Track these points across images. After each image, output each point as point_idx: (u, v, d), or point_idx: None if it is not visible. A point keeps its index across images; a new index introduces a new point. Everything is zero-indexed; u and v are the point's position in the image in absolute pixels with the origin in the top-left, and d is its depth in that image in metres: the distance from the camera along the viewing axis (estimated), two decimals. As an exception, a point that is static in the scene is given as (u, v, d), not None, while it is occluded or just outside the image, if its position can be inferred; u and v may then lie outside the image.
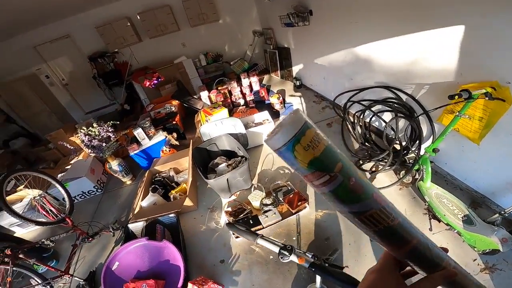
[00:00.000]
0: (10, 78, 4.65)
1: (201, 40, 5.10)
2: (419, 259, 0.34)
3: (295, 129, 0.25)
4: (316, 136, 0.26)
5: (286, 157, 0.26)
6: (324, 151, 0.26)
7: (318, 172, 0.26)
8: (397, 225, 0.31)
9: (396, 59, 2.04)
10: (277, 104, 3.69)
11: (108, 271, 1.80)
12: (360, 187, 0.28)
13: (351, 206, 0.28)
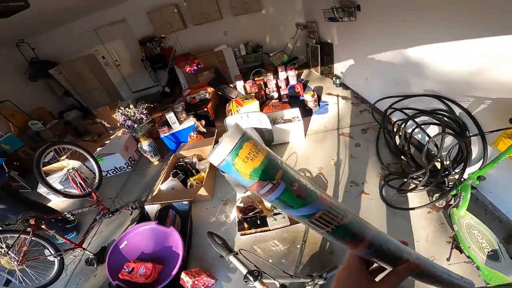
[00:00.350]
0: (72, 57, 5.25)
1: (243, 30, 5.05)
2: (379, 254, 0.35)
3: (232, 143, 0.25)
4: (254, 147, 0.27)
5: (228, 171, 0.27)
6: (263, 161, 0.27)
7: (260, 181, 0.27)
8: (348, 223, 0.32)
9: (455, 65, 1.71)
10: (310, 101, 3.48)
11: (115, 248, 1.91)
12: (304, 191, 0.29)
13: (299, 210, 0.29)
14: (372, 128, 2.84)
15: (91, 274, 2.11)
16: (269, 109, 3.57)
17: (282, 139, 2.94)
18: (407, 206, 1.83)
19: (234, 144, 0.26)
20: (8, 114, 4.55)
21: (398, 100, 2.38)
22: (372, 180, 2.18)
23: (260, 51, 5.12)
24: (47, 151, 2.30)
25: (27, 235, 1.87)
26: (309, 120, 3.33)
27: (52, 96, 5.69)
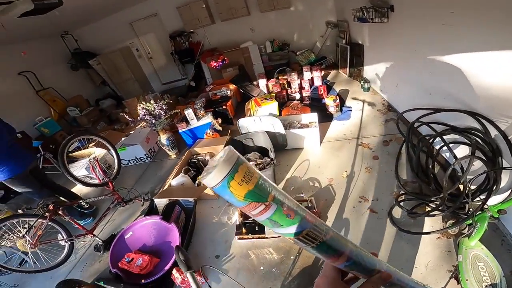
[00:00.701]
0: (110, 49, 5.61)
1: (270, 27, 4.94)
2: (355, 265, 0.38)
3: (228, 166, 0.26)
4: (248, 171, 0.27)
5: (222, 193, 0.27)
6: (257, 184, 0.28)
7: (254, 203, 0.28)
8: (330, 239, 0.34)
9: (500, 80, 1.47)
10: (332, 106, 3.31)
11: (121, 238, 2.02)
12: (292, 211, 0.31)
13: (288, 229, 0.31)
14: (396, 141, 2.61)
15: (97, 260, 2.25)
16: (288, 111, 3.47)
17: (296, 144, 2.84)
18: (417, 230, 1.67)
19: (231, 167, 0.26)
20: (50, 100, 5.04)
21: (428, 113, 2.14)
22: (384, 198, 2.02)
23: (287, 49, 4.98)
24: (72, 141, 2.49)
25: (44, 220, 2.03)
26: (328, 126, 3.17)
27: (91, 85, 6.16)
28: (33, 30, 4.34)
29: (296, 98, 4.06)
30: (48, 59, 5.22)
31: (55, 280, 2.18)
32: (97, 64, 5.54)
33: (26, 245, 2.01)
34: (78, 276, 2.20)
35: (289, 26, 4.91)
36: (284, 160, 2.77)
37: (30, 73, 4.81)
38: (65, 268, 2.28)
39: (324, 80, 4.49)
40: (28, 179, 2.38)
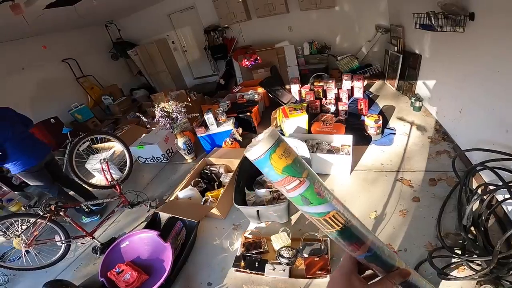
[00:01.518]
0: (148, 40, 5.65)
1: (310, 27, 4.45)
2: (376, 258, 0.37)
3: (271, 141, 0.28)
4: (288, 148, 0.30)
5: (263, 165, 0.29)
6: (294, 160, 0.30)
7: (290, 177, 0.30)
8: (354, 225, 0.35)
9: None
10: (372, 128, 2.80)
11: (117, 246, 1.97)
12: (323, 190, 0.32)
13: (317, 207, 0.32)
14: (446, 181, 2.08)
15: (93, 261, 2.20)
16: (318, 126, 3.04)
17: (321, 169, 2.44)
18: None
19: (274, 141, 0.28)
20: (89, 87, 5.25)
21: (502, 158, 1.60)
22: (415, 249, 1.64)
23: (327, 52, 4.47)
24: (83, 141, 2.42)
25: (43, 220, 2.00)
26: (363, 151, 2.69)
27: (128, 74, 6.34)
28: (79, 19, 4.49)
29: (331, 110, 3.59)
30: (91, 48, 5.43)
31: (50, 275, 2.21)
32: (134, 55, 5.64)
33: (21, 244, 1.99)
34: (70, 275, 2.19)
35: (332, 27, 4.37)
36: None
37: (72, 60, 5.04)
38: (61, 265, 2.27)
39: (366, 92, 3.92)
40: (41, 173, 2.37)
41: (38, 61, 4.56)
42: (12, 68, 4.23)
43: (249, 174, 2.40)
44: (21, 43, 4.27)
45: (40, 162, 2.34)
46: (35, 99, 4.52)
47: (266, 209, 1.87)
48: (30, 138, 2.33)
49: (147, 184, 3.12)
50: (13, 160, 2.16)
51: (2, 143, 2.10)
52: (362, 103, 3.35)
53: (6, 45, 4.07)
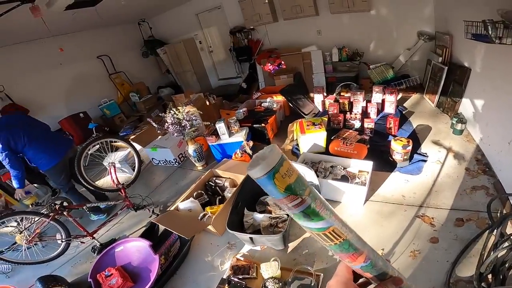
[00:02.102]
0: (178, 39, 5.72)
1: (340, 31, 4.08)
2: (372, 268, 0.39)
3: (275, 160, 0.28)
4: (291, 167, 0.30)
5: (265, 184, 0.29)
6: (296, 179, 0.30)
7: (292, 195, 0.30)
8: (352, 238, 0.36)
9: None
10: (398, 153, 2.44)
11: (112, 249, 1.99)
12: (324, 207, 0.33)
13: (318, 223, 0.33)
14: (476, 223, 1.73)
15: (90, 260, 2.24)
16: (337, 145, 2.76)
17: (331, 195, 2.19)
18: None
19: (277, 161, 0.28)
20: (119, 84, 5.49)
21: None
22: None
23: (358, 59, 4.07)
24: (92, 145, 2.46)
25: (47, 219, 2.08)
26: (384, 178, 2.36)
27: (157, 72, 6.53)
28: (114, 16, 4.69)
29: (355, 126, 3.25)
30: (124, 45, 5.66)
31: (49, 268, 2.31)
32: (163, 53, 5.75)
33: (22, 240, 2.10)
34: (67, 270, 2.28)
35: (366, 32, 3.95)
36: None
37: (106, 57, 5.30)
38: (62, 259, 2.36)
39: (400, 106, 3.49)
40: (64, 169, 2.45)
41: (75, 57, 4.85)
42: (51, 63, 4.55)
43: (251, 193, 2.24)
44: (59, 39, 4.57)
45: (63, 159, 2.43)
46: (70, 92, 4.84)
47: (260, 237, 1.72)
48: (50, 138, 2.42)
49: (156, 188, 3.14)
50: (37, 161, 2.29)
51: (21, 149, 2.20)
52: (392, 122, 2.96)
53: (45, 41, 4.38)
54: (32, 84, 4.30)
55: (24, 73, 4.19)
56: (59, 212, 2.13)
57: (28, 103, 4.21)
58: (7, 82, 3.98)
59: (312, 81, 4.43)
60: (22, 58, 4.16)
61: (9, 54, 3.99)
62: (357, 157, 2.63)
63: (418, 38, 3.58)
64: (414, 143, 2.54)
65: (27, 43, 4.17)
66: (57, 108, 4.60)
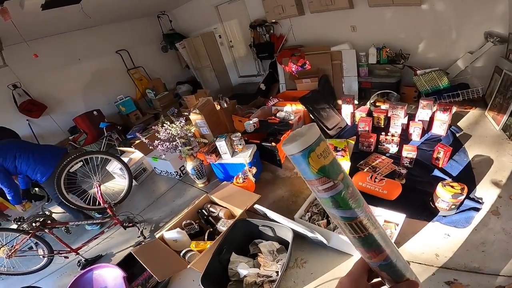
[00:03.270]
0: (195, 33, 5.36)
1: (381, 28, 3.30)
2: (390, 267, 0.37)
3: (312, 139, 0.28)
4: (327, 148, 0.29)
5: (299, 162, 0.29)
6: (332, 161, 0.29)
7: (324, 178, 0.29)
8: (377, 233, 0.35)
9: None
10: (444, 202, 1.80)
11: (90, 271, 1.88)
12: (355, 196, 0.32)
13: (345, 212, 0.32)
14: None
15: (75, 273, 2.15)
16: (362, 179, 2.19)
17: (342, 246, 1.70)
18: None
19: (315, 139, 0.28)
20: (138, 79, 5.34)
21: None
22: None
23: (402, 63, 3.29)
24: (74, 162, 2.24)
25: (27, 235, 2.00)
26: (418, 229, 1.80)
27: (178, 67, 6.29)
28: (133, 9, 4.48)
29: (390, 151, 2.61)
30: (143, 39, 5.47)
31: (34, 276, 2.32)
32: (182, 48, 5.44)
33: (4, 253, 2.06)
34: (52, 281, 2.26)
35: (414, 30, 3.12)
36: (314, 262, 1.75)
37: (125, 51, 5.15)
38: (48, 269, 2.31)
39: (452, 127, 2.72)
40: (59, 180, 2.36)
41: (94, 52, 4.76)
42: (70, 58, 4.50)
43: (240, 240, 1.84)
44: (78, 35, 4.48)
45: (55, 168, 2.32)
46: (88, 88, 4.81)
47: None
48: (41, 150, 2.39)
49: (153, 202, 2.92)
50: (35, 174, 2.27)
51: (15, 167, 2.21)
52: (441, 152, 2.26)
53: (63, 36, 4.30)
54: (50, 80, 4.30)
55: (42, 69, 4.18)
56: (40, 229, 2.03)
57: (46, 99, 4.24)
58: (26, 78, 4.00)
59: (342, 86, 3.76)
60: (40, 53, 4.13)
61: (28, 50, 3.96)
62: (387, 197, 2.06)
63: (486, 40, 2.70)
64: (467, 183, 1.86)
65: (45, 39, 4.12)
66: (74, 104, 4.59)
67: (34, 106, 4.08)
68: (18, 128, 3.83)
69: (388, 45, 3.28)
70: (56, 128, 4.48)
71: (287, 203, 2.38)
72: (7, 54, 3.46)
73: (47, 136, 4.35)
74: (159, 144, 2.32)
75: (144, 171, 3.39)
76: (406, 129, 2.87)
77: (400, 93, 3.41)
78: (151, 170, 3.47)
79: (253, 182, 2.48)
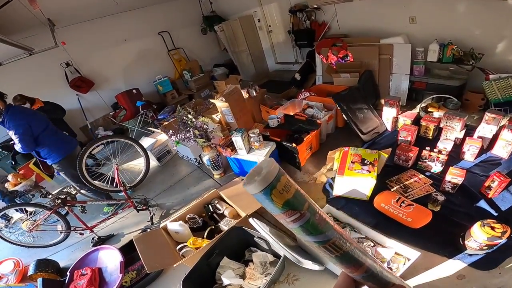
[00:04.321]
0: (235, 16, 5.17)
1: (449, 21, 2.65)
2: (373, 277, 0.38)
3: (272, 176, 0.28)
4: (288, 181, 0.29)
5: (263, 200, 0.29)
6: (294, 194, 0.30)
7: (290, 211, 0.30)
8: (353, 250, 0.36)
9: None
10: (477, 242, 1.43)
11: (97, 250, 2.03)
12: (323, 221, 0.33)
13: (317, 237, 0.32)
14: None
15: (89, 248, 2.22)
16: (386, 200, 1.89)
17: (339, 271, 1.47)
18: None
19: (275, 175, 0.28)
20: (177, 60, 5.45)
21: None
22: None
23: (472, 63, 2.65)
24: (93, 146, 2.35)
25: (49, 211, 2.17)
26: (431, 265, 1.56)
27: (217, 49, 6.23)
28: None
29: (432, 170, 2.19)
30: (184, 21, 5.49)
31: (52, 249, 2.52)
32: (220, 31, 5.32)
33: (26, 227, 2.26)
34: (67, 254, 2.45)
35: (494, 27, 2.43)
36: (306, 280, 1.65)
37: (166, 33, 5.25)
38: (65, 243, 2.52)
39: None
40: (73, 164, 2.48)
41: (138, 34, 4.96)
42: (117, 39, 4.76)
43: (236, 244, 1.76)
44: (124, 17, 4.69)
45: (72, 153, 2.46)
46: (131, 68, 5.07)
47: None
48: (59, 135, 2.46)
49: (167, 188, 2.99)
50: (52, 151, 2.34)
51: (39, 134, 2.26)
52: (495, 181, 1.80)
53: (112, 18, 4.54)
54: (98, 59, 4.63)
55: (92, 49, 4.51)
56: (61, 206, 2.18)
57: (94, 77, 4.60)
58: (77, 57, 4.37)
59: (388, 85, 3.26)
60: (90, 34, 4.45)
61: (79, 31, 4.29)
62: (410, 225, 1.76)
63: None
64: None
65: (95, 21, 4.39)
66: (118, 82, 4.91)
67: (83, 82, 4.47)
68: (68, 101, 4.25)
69: (456, 41, 2.65)
70: (101, 103, 4.88)
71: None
72: (61, 35, 3.75)
73: (93, 109, 4.77)
74: (173, 134, 2.30)
75: (168, 153, 3.49)
76: (459, 144, 2.37)
77: (463, 99, 2.81)
78: (175, 153, 3.55)
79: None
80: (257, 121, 3.68)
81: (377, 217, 1.90)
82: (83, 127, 4.71)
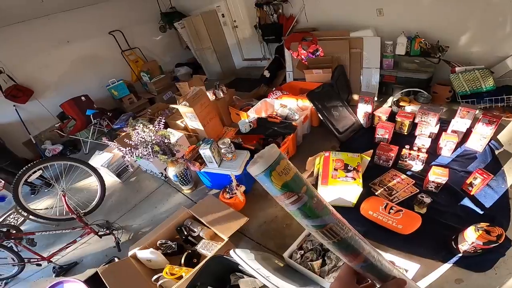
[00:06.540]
0: (197, 11, 4.77)
1: (416, 13, 2.63)
2: (372, 268, 0.38)
3: (272, 159, 0.29)
4: (288, 165, 0.31)
5: (264, 181, 0.30)
6: (293, 177, 0.31)
7: (288, 192, 0.30)
8: (350, 237, 0.35)
9: None
10: (470, 245, 1.37)
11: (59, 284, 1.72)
12: (321, 205, 0.33)
13: (314, 221, 0.33)
14: None
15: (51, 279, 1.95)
16: (374, 208, 1.76)
17: None
18: None
19: (274, 159, 0.29)
20: (133, 61, 4.89)
21: None
22: None
23: (438, 56, 2.66)
24: (31, 170, 1.90)
25: None
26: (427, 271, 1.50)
27: (178, 48, 5.75)
28: None
29: (413, 169, 2.13)
30: (139, 19, 4.92)
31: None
32: (181, 28, 4.89)
33: None
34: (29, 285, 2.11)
35: (459, 18, 2.45)
36: None
37: (119, 32, 4.67)
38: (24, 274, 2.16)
39: (492, 141, 2.18)
40: None
41: (84, 34, 4.32)
42: (57, 41, 4.08)
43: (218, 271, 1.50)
44: (66, 15, 4.04)
45: None
46: (78, 72, 4.39)
47: None
48: None
49: (132, 207, 2.60)
50: None
51: None
52: (478, 178, 1.77)
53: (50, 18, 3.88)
54: (37, 64, 3.93)
55: (27, 53, 3.81)
56: (4, 239, 1.83)
57: (33, 84, 3.90)
58: (10, 63, 3.65)
59: (360, 80, 3.20)
60: (25, 37, 3.75)
61: (11, 33, 3.60)
62: (401, 232, 1.66)
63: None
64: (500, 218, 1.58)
65: (30, 22, 3.71)
66: (63, 89, 4.19)
67: (19, 91, 3.76)
68: (4, 114, 3.60)
69: (423, 34, 2.63)
70: (45, 113, 4.17)
71: (280, 226, 2.01)
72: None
73: (36, 121, 4.06)
74: (128, 152, 1.93)
75: (128, 168, 3.05)
76: (435, 139, 2.35)
77: (431, 92, 2.83)
78: (136, 166, 3.13)
79: (240, 202, 2.10)
80: (226, 124, 3.40)
81: (366, 225, 1.78)
82: (26, 141, 3.99)
